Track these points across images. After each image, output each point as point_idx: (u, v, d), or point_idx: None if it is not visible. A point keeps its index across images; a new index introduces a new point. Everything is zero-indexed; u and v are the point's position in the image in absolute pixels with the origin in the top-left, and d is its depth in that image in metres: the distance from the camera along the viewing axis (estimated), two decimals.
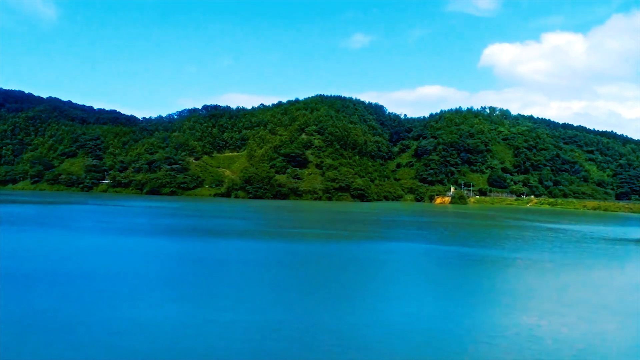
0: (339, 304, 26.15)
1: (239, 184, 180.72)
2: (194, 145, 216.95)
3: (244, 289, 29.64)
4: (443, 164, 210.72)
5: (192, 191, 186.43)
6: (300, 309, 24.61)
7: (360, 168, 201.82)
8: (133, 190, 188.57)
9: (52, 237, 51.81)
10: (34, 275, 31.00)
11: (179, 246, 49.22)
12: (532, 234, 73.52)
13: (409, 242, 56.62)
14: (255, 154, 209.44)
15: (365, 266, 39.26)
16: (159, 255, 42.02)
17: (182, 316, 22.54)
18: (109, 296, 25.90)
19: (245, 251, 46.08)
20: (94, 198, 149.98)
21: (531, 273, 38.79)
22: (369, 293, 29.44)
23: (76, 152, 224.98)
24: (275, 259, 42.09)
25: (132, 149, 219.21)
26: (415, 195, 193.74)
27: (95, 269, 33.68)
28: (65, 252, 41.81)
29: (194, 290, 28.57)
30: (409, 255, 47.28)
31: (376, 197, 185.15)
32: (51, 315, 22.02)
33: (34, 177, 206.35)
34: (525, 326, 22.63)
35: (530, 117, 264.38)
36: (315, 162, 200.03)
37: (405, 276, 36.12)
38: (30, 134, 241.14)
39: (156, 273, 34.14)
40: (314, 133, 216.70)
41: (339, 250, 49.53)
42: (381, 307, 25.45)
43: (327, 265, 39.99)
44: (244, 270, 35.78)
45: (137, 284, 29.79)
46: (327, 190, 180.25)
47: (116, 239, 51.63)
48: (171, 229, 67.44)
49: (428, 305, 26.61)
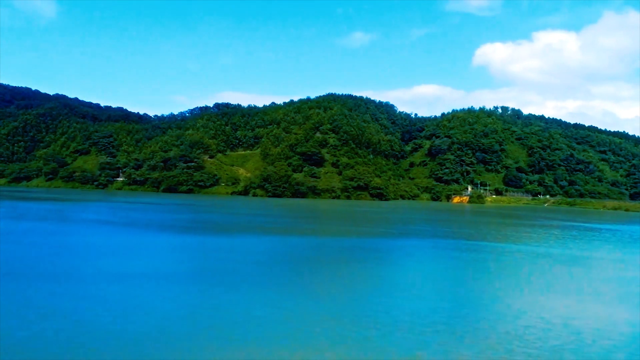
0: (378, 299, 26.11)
1: (257, 182, 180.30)
2: (209, 144, 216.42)
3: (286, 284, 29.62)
4: (458, 163, 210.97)
5: (209, 189, 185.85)
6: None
7: (375, 167, 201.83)
8: (149, 188, 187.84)
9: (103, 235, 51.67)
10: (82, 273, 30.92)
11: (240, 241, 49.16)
12: (577, 233, 73.65)
13: (482, 241, 56.61)
14: (270, 153, 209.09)
15: (437, 263, 39.34)
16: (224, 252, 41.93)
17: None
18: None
19: (295, 247, 46.03)
20: (118, 196, 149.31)
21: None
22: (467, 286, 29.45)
23: (89, 150, 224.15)
24: (336, 255, 42.10)
25: (145, 146, 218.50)
26: (431, 195, 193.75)
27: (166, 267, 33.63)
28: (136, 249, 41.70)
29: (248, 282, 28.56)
30: (494, 255, 47.25)
31: (393, 196, 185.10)
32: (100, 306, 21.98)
33: (48, 175, 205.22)
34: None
35: (542, 117, 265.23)
36: (331, 160, 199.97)
37: (506, 277, 36.06)
38: (41, 131, 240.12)
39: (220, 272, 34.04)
40: (328, 132, 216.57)
41: (401, 251, 49.51)
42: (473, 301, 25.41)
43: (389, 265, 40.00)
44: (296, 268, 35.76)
45: (204, 286, 29.68)
46: (345, 189, 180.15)
47: (172, 237, 51.54)
48: (224, 226, 67.16)
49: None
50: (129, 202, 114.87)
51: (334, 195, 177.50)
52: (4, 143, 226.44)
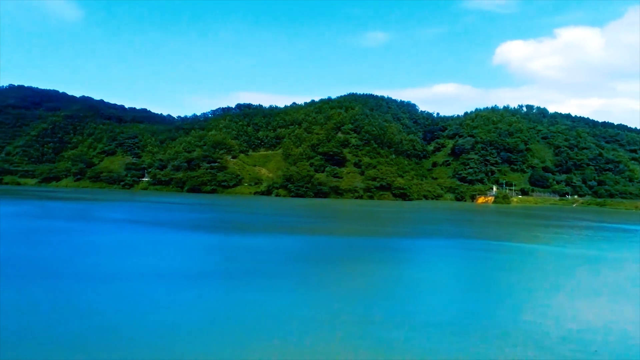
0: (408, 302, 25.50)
1: (280, 182, 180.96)
2: (231, 144, 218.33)
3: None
4: (482, 163, 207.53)
5: (232, 189, 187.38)
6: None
7: (398, 167, 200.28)
8: (173, 188, 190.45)
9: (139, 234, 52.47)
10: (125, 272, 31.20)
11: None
12: (610, 234, 71.54)
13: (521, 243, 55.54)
14: (291, 153, 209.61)
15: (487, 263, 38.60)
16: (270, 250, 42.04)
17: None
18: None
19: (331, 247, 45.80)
20: (143, 195, 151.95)
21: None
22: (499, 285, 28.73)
23: (115, 151, 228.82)
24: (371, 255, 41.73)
25: (169, 147, 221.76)
26: (455, 195, 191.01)
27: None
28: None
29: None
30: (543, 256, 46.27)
31: (416, 196, 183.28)
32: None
33: (76, 175, 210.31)
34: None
35: (568, 116, 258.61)
36: (353, 160, 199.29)
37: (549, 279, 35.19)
38: (69, 132, 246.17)
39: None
40: (350, 132, 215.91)
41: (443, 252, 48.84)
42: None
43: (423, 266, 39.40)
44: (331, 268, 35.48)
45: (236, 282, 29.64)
46: (368, 189, 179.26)
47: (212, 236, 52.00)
48: (248, 225, 67.54)
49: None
50: (154, 202, 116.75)
51: (356, 196, 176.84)
52: (34, 144, 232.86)
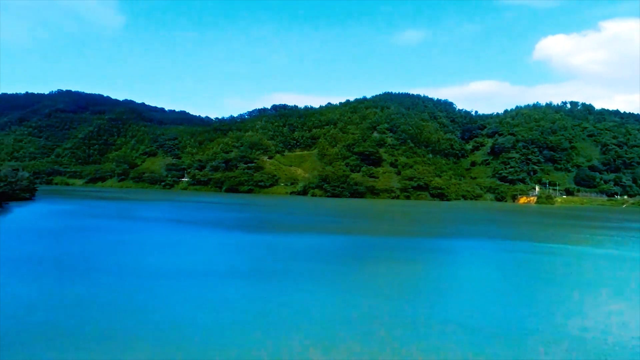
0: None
1: (315, 182, 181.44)
2: (267, 145, 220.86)
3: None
4: (524, 162, 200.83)
5: (269, 189, 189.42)
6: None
7: (435, 166, 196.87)
8: (212, 188, 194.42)
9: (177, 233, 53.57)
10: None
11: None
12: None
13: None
14: (327, 153, 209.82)
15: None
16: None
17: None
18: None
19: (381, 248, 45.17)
20: (183, 195, 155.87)
21: None
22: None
23: (156, 152, 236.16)
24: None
25: (207, 148, 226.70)
26: (495, 195, 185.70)
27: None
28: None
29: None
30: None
31: (454, 196, 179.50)
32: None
33: (120, 175, 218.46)
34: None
35: (617, 112, 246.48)
36: (389, 160, 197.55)
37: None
38: (113, 134, 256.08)
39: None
40: (386, 131, 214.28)
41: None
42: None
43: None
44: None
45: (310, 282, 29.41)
46: (404, 189, 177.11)
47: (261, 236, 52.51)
48: (286, 225, 67.86)
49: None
50: (194, 202, 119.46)
51: (393, 196, 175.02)
52: (81, 146, 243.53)
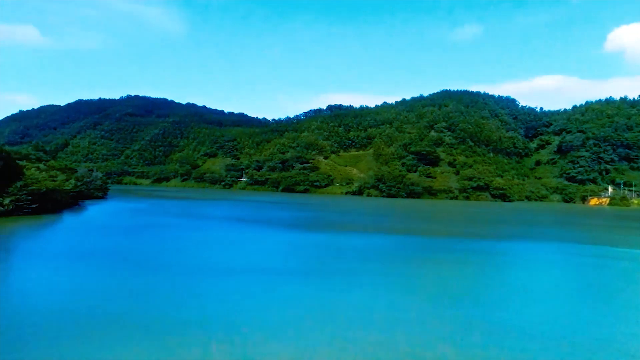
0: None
1: (371, 182, 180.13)
2: (323, 145, 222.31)
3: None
4: (595, 161, 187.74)
5: (324, 189, 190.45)
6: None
7: (496, 166, 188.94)
8: (269, 187, 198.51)
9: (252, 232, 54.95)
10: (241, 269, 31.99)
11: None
12: None
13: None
14: (382, 153, 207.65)
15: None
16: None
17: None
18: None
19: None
20: (242, 195, 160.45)
21: None
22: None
23: (216, 153, 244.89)
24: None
25: (265, 149, 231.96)
26: (562, 196, 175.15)
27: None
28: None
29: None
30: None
31: (517, 197, 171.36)
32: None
33: (183, 176, 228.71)
34: None
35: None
36: (447, 160, 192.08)
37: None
38: (176, 136, 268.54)
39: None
40: (443, 130, 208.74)
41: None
42: None
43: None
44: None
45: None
46: (463, 189, 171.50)
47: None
48: (343, 225, 67.92)
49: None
50: (252, 201, 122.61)
51: (451, 196, 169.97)
52: (148, 148, 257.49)
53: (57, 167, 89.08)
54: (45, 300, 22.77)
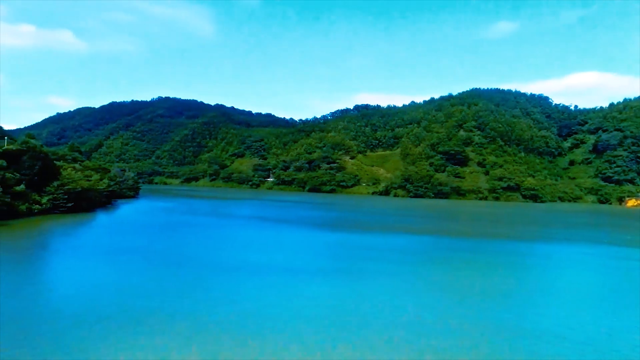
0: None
1: (398, 182, 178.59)
2: (349, 145, 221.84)
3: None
4: (633, 161, 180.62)
5: (351, 189, 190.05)
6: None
7: (528, 166, 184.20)
8: (295, 187, 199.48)
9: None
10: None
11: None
12: None
13: None
14: (410, 152, 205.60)
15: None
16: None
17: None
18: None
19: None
20: (269, 194, 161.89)
21: None
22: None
23: (244, 153, 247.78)
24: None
25: (292, 149, 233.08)
26: (598, 197, 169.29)
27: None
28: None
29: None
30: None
31: (550, 197, 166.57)
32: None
33: (211, 176, 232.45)
34: None
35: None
36: (476, 159, 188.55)
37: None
38: (205, 137, 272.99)
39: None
40: (473, 129, 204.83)
41: None
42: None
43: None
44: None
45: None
46: (493, 189, 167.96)
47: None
48: (371, 225, 67.53)
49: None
50: (279, 201, 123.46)
51: (480, 197, 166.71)
52: (178, 149, 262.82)
53: (92, 167, 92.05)
54: (83, 294, 23.54)
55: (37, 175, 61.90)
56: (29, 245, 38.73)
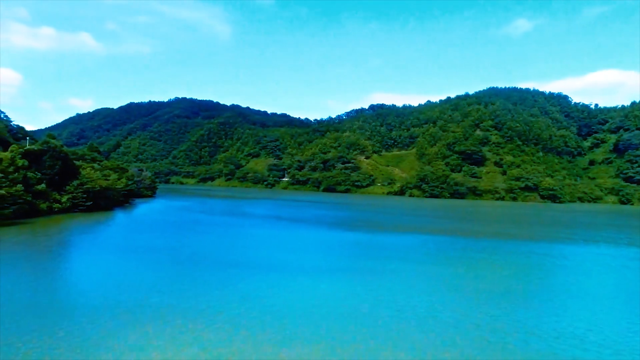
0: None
1: (413, 182, 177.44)
2: (364, 145, 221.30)
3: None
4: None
5: (366, 189, 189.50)
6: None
7: (546, 166, 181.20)
8: (310, 187, 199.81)
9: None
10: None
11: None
12: None
13: None
14: (425, 152, 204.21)
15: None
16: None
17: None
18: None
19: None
20: (284, 194, 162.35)
21: None
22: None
23: (259, 153, 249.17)
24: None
25: (306, 149, 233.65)
26: (619, 197, 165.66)
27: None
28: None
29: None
30: None
31: (569, 198, 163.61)
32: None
33: (227, 175, 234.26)
34: None
35: None
36: (493, 159, 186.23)
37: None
38: (221, 137, 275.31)
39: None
40: (490, 128, 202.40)
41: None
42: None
43: None
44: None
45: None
46: (510, 189, 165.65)
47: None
48: (388, 225, 67.24)
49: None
50: (294, 200, 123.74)
51: (497, 197, 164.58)
52: (194, 149, 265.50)
53: (110, 167, 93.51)
54: (101, 289, 23.94)
55: (57, 175, 63.18)
56: (49, 243, 39.55)
